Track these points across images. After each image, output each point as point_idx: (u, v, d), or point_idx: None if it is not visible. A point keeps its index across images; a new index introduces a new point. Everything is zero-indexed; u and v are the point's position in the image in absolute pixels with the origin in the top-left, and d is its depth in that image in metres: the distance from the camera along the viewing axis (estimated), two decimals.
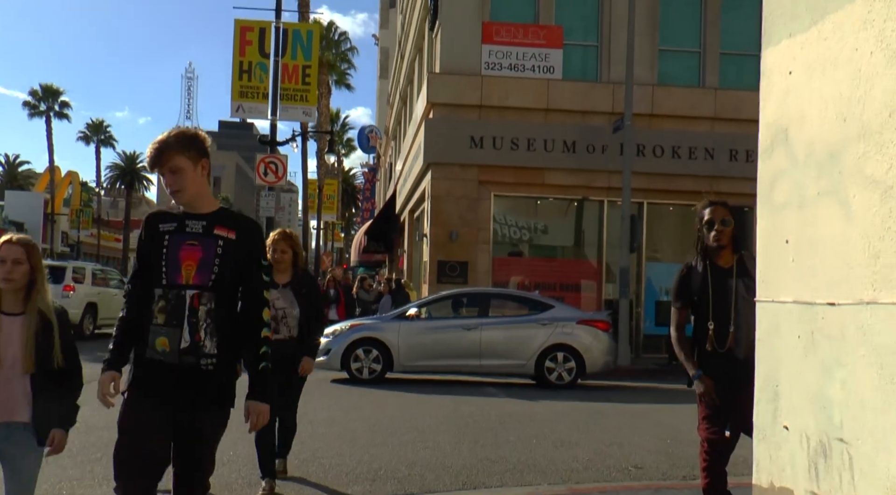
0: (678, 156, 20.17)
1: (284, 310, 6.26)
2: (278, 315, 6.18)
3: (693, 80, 20.83)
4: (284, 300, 6.27)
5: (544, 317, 13.97)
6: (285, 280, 6.34)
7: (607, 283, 20.42)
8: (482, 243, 19.81)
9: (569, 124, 20.03)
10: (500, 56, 20.07)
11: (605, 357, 14.07)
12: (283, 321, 6.25)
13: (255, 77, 22.57)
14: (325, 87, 50.87)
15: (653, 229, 20.84)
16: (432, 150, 19.81)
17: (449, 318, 14.58)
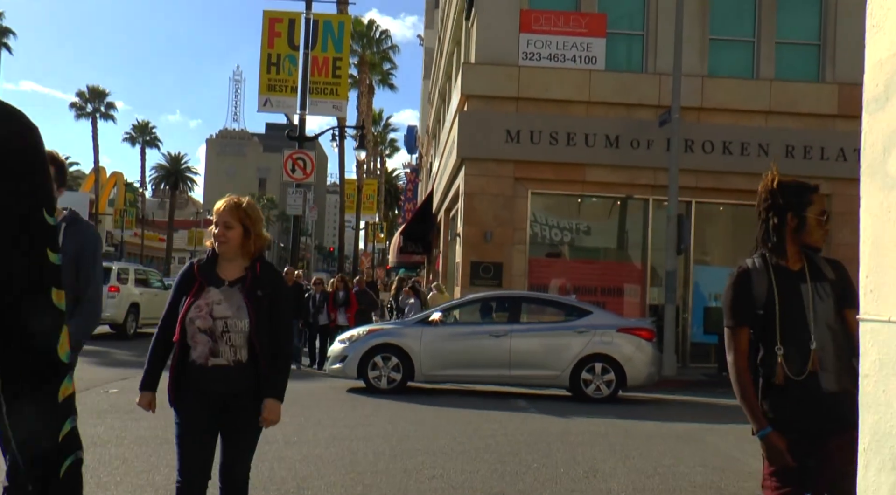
0: (729, 153, 18.81)
1: (226, 321, 4.08)
2: (216, 327, 4.07)
3: (746, 71, 19.44)
4: (228, 305, 4.11)
5: (581, 323, 12.77)
6: (234, 273, 4.19)
7: (652, 288, 19.12)
8: (518, 244, 18.65)
9: (612, 118, 18.78)
10: (539, 45, 18.90)
11: (649, 368, 12.83)
12: (224, 338, 4.08)
13: (283, 70, 21.71)
14: (366, 86, 50.10)
15: (701, 230, 19.51)
16: (466, 145, 18.70)
17: (476, 324, 13.45)
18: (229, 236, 4.15)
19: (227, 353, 4.08)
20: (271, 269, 4.32)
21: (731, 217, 20.27)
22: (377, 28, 49.30)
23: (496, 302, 13.77)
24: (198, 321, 4.05)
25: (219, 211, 4.22)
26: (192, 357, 4.07)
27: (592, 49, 19.00)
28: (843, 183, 18.74)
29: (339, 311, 16.90)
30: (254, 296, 4.13)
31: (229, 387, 4.08)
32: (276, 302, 4.21)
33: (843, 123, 18.99)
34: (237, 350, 4.08)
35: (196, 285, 4.15)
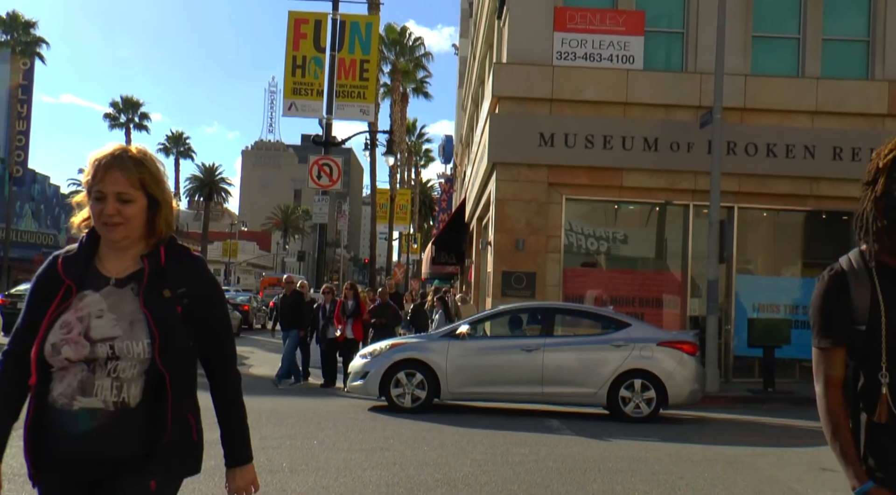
0: (773, 155, 17.82)
1: (112, 344, 2.52)
2: (97, 354, 2.51)
3: (791, 70, 18.44)
4: (115, 317, 2.56)
5: (618, 337, 11.90)
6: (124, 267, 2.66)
7: (692, 298, 18.16)
8: (552, 252, 17.80)
9: (650, 119, 17.89)
10: (573, 44, 18.07)
11: (691, 385, 11.92)
12: (109, 368, 2.52)
13: (309, 73, 21.10)
14: (399, 94, 49.57)
15: (744, 237, 18.52)
16: (497, 149, 17.91)
17: (506, 337, 12.64)
18: (128, 214, 2.57)
19: (106, 391, 2.48)
20: (186, 256, 2.71)
21: (776, 223, 19.27)
22: (410, 35, 48.84)
23: (528, 313, 12.94)
24: (65, 348, 2.50)
25: (102, 169, 2.57)
26: (52, 396, 2.52)
27: (630, 48, 18.13)
28: None
29: (347, 323, 15.68)
30: (157, 299, 2.58)
31: (104, 449, 2.49)
32: (206, 304, 2.68)
33: (892, 123, 17.97)
34: (123, 386, 2.49)
35: (62, 290, 2.59)
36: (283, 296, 17.07)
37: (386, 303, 16.85)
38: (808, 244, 19.00)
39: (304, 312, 16.10)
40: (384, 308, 16.64)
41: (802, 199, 18.12)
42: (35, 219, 58.78)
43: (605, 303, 17.38)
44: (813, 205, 18.18)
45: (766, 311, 18.00)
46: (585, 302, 17.62)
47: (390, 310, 16.72)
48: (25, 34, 55.34)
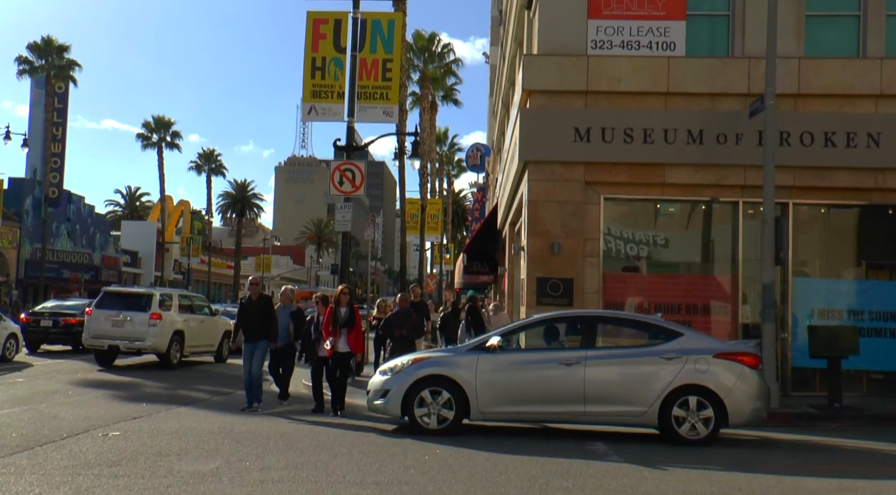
0: (832, 145, 16.27)
1: None
2: None
3: (850, 50, 16.87)
4: None
5: (670, 348, 10.48)
6: None
7: (744, 305, 16.63)
8: (590, 256, 16.39)
9: (694, 110, 16.44)
10: (609, 32, 16.71)
11: (754, 403, 10.46)
12: None
13: (329, 74, 19.93)
14: (428, 102, 48.44)
15: (799, 236, 16.95)
16: (529, 146, 16.56)
17: (543, 350, 11.24)
18: None
19: None
20: None
21: (835, 220, 17.66)
22: (439, 42, 47.65)
23: (566, 323, 11.49)
24: None
25: None
26: None
27: (671, 33, 16.72)
28: None
29: (340, 334, 12.86)
30: None
31: None
32: None
33: None
34: None
35: None
36: (245, 299, 14.10)
37: (407, 311, 14.97)
38: (872, 243, 17.37)
39: (273, 320, 13.83)
40: (404, 317, 14.81)
41: (866, 193, 16.52)
42: (70, 238, 58.66)
43: (647, 311, 15.95)
44: (878, 199, 16.58)
45: (826, 318, 16.43)
46: (626, 309, 16.18)
47: (411, 319, 14.77)
48: (59, 58, 55.12)
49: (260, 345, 13.75)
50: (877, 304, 16.44)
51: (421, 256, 45.89)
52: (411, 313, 14.73)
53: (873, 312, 16.44)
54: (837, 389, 14.50)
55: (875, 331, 16.38)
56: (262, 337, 13.70)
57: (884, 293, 16.57)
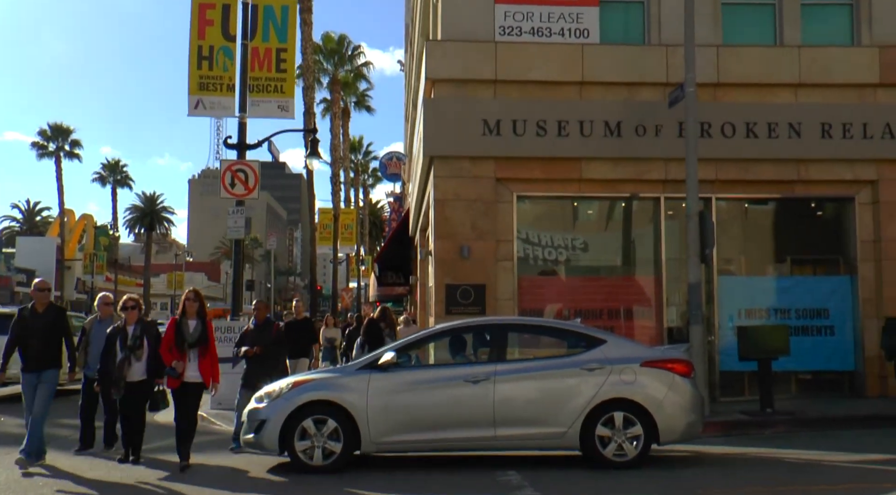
0: (754, 136, 15.39)
1: None
2: None
3: (768, 38, 16.06)
4: None
5: (591, 358, 9.20)
6: None
7: (668, 307, 15.59)
8: (503, 260, 15.11)
9: (611, 100, 15.36)
10: (518, 18, 15.51)
11: (688, 416, 9.25)
12: None
13: (217, 65, 18.19)
14: (339, 107, 46.83)
15: (724, 233, 16.00)
16: (434, 140, 15.21)
17: (446, 366, 9.79)
18: None
19: None
20: None
21: (759, 215, 16.82)
22: (349, 44, 46.05)
23: (473, 333, 10.03)
24: None
25: None
26: None
27: (584, 20, 15.62)
28: (892, 165, 15.57)
29: (189, 356, 9.43)
30: None
31: None
32: None
33: (885, 94, 15.77)
34: None
35: None
36: (25, 311, 10.04)
37: (265, 324, 11.60)
38: (798, 237, 16.55)
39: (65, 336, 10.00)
40: (260, 331, 11.42)
41: (789, 185, 15.69)
42: None
43: (567, 318, 14.75)
44: (801, 192, 15.76)
45: (753, 317, 15.53)
46: (546, 316, 14.96)
47: (270, 334, 11.38)
48: None
49: (45, 375, 9.71)
50: (803, 301, 15.64)
51: (334, 268, 44.15)
52: (271, 326, 11.69)
53: (800, 310, 15.63)
54: (769, 393, 13.55)
55: (803, 329, 15.55)
56: (47, 365, 9.75)
57: (810, 289, 15.78)
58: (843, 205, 16.04)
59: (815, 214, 16.51)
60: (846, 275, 15.83)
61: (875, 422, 13.03)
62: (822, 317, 15.65)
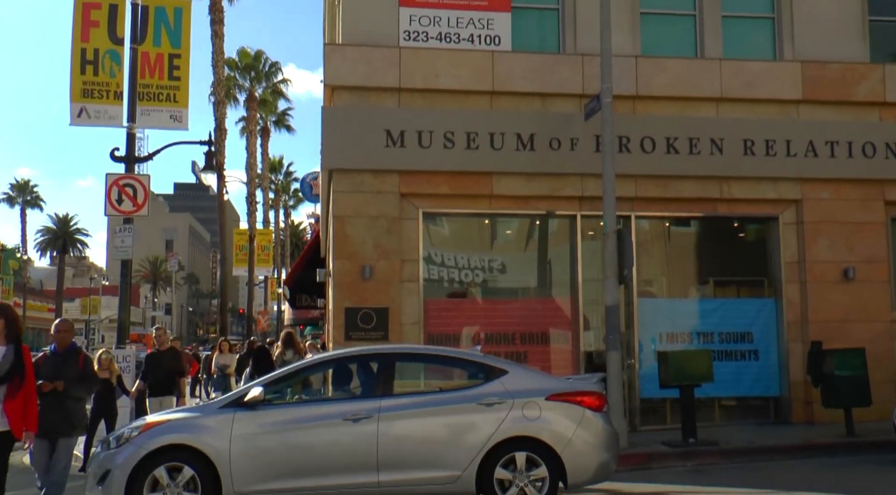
0: (675, 151, 14.62)
1: None
2: None
3: (688, 50, 15.38)
4: None
5: (491, 391, 8.08)
6: None
7: (586, 331, 14.65)
8: (408, 281, 13.98)
9: (523, 112, 14.44)
10: (425, 22, 14.51)
11: (600, 455, 8.19)
12: None
13: (103, 70, 16.72)
14: (255, 124, 45.31)
15: (644, 253, 15.20)
16: (333, 152, 14.03)
17: (323, 402, 8.49)
18: None
19: None
20: None
21: (680, 234, 16.06)
22: (266, 60, 44.55)
23: (358, 364, 8.84)
24: None
25: None
26: None
27: (495, 26, 14.70)
28: (815, 184, 14.90)
29: None
30: None
31: None
32: None
33: (809, 110, 15.19)
34: None
35: None
36: None
37: (67, 353, 8.99)
38: (721, 258, 15.83)
39: None
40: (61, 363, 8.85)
41: (711, 204, 14.93)
42: None
43: (479, 342, 13.68)
44: (724, 210, 15.03)
45: (674, 341, 14.70)
46: (463, 343, 13.87)
47: (75, 366, 8.89)
48: None
49: None
50: (727, 325, 14.86)
51: (249, 291, 42.43)
52: (77, 356, 9.05)
53: (723, 333, 14.85)
54: (691, 421, 12.65)
55: (726, 353, 14.78)
56: None
57: (733, 312, 15.01)
58: (766, 225, 15.37)
59: (739, 234, 15.82)
60: (770, 297, 15.14)
61: (802, 452, 12.31)
62: (746, 340, 14.90)
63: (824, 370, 13.01)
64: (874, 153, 15.02)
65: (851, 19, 15.50)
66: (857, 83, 15.21)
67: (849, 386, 12.77)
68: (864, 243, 14.96)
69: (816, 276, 14.79)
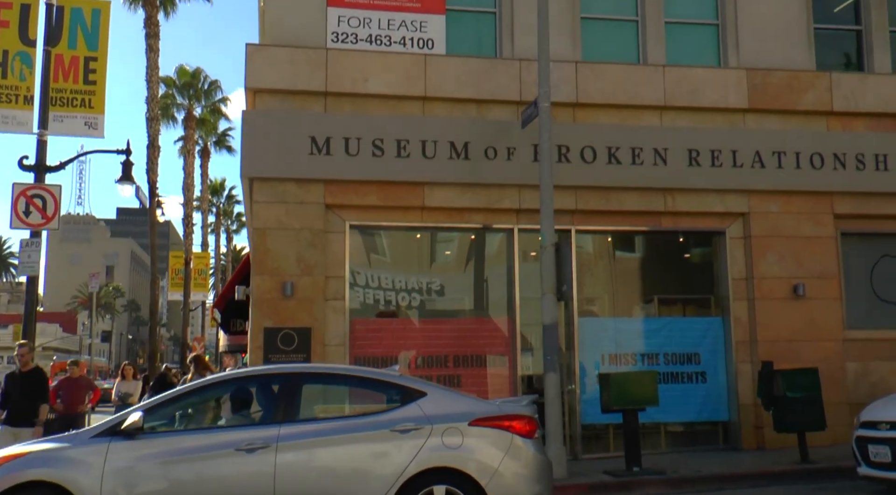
0: (617, 161, 13.89)
1: None
2: None
3: (631, 56, 14.73)
4: None
5: (407, 415, 7.10)
6: None
7: (524, 353, 13.76)
8: (334, 299, 12.98)
9: (458, 118, 13.60)
10: (354, 23, 13.65)
11: (531, 487, 7.22)
12: None
13: (13, 73, 15.58)
14: (193, 143, 43.96)
15: (586, 270, 14.42)
16: (254, 159, 13.01)
17: (215, 430, 7.41)
18: None
19: None
20: None
21: (624, 249, 15.30)
22: (205, 79, 43.31)
23: (257, 385, 7.72)
24: None
25: None
26: None
27: (429, 29, 13.89)
28: (763, 196, 14.27)
29: None
30: None
31: None
32: None
33: (755, 119, 14.61)
34: None
35: None
36: None
37: None
38: (666, 274, 15.08)
39: None
40: None
41: (655, 217, 14.20)
42: None
43: (419, 366, 12.75)
44: (668, 224, 14.30)
45: (618, 363, 13.88)
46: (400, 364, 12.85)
47: None
48: None
49: None
50: (673, 345, 14.07)
51: (184, 316, 40.92)
52: None
53: (669, 354, 14.06)
54: (635, 449, 11.81)
55: (672, 375, 13.99)
56: None
57: (679, 331, 14.22)
58: (713, 240, 14.68)
59: (685, 249, 15.12)
60: (718, 315, 14.41)
61: (754, 480, 11.49)
62: (693, 362, 14.14)
63: (775, 392, 12.27)
64: (822, 164, 14.47)
65: (796, 27, 15.02)
66: (804, 92, 14.69)
67: (802, 409, 12.03)
68: (813, 258, 14.36)
69: (765, 293, 14.13)
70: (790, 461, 12.11)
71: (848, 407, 13.69)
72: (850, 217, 14.72)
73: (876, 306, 14.92)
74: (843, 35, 15.75)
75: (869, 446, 9.51)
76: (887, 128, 14.96)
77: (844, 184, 14.51)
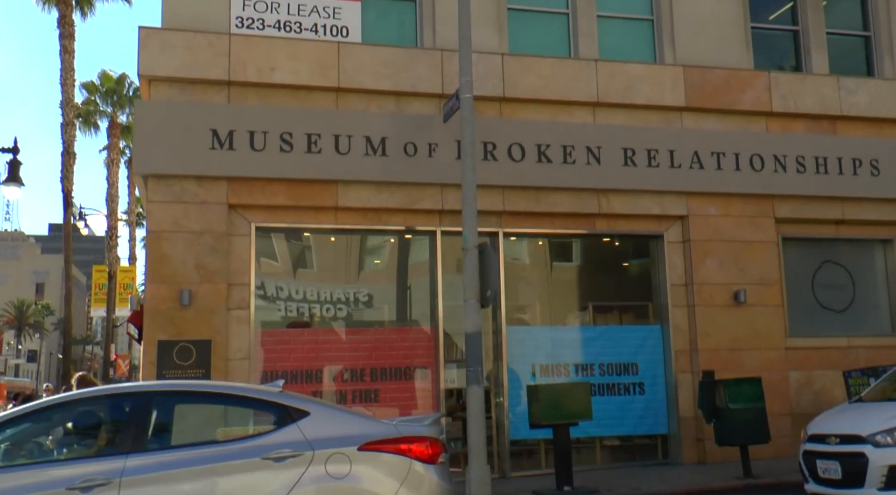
0: (547, 160, 12.97)
1: None
2: None
3: (561, 49, 13.86)
4: None
5: (283, 440, 5.95)
6: None
7: (448, 365, 12.70)
8: (238, 308, 11.77)
9: (374, 112, 12.55)
10: (261, 8, 12.53)
11: None
12: None
13: None
14: (118, 152, 42.14)
15: (516, 275, 13.47)
16: (148, 155, 11.75)
17: (47, 464, 6.08)
18: None
19: None
20: None
21: (557, 254, 14.35)
22: (130, 85, 41.49)
23: (105, 408, 6.45)
24: None
25: None
26: None
27: (343, 15, 12.83)
28: (701, 198, 13.47)
29: None
30: None
31: None
32: None
33: (692, 118, 13.85)
34: None
35: None
36: None
37: None
38: (601, 280, 14.17)
39: None
40: None
41: (589, 220, 13.30)
42: None
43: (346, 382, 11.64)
44: (602, 227, 13.40)
45: (551, 374, 12.94)
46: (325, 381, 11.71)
47: None
48: None
49: None
50: (608, 355, 13.18)
51: (107, 333, 39.06)
52: None
53: (605, 365, 13.16)
54: (567, 466, 10.85)
55: (608, 387, 13.09)
56: None
57: (615, 340, 13.34)
58: (651, 244, 13.85)
59: (621, 254, 14.24)
60: (656, 323, 13.56)
61: None
62: (631, 372, 13.25)
63: (717, 403, 11.41)
64: (762, 166, 13.76)
65: (733, 25, 14.36)
66: (743, 91, 13.98)
67: (745, 421, 11.19)
68: (755, 264, 13.61)
69: (705, 300, 13.32)
70: (733, 476, 11.32)
71: (791, 418, 12.95)
72: (792, 221, 14.09)
73: (818, 313, 14.26)
74: (780, 35, 15.15)
75: (817, 461, 8.73)
76: (825, 130, 14.36)
77: (785, 186, 13.84)
